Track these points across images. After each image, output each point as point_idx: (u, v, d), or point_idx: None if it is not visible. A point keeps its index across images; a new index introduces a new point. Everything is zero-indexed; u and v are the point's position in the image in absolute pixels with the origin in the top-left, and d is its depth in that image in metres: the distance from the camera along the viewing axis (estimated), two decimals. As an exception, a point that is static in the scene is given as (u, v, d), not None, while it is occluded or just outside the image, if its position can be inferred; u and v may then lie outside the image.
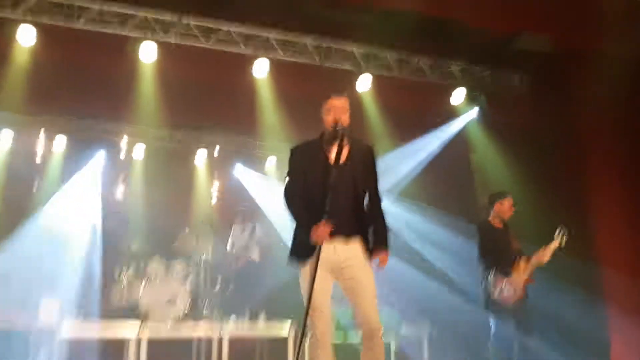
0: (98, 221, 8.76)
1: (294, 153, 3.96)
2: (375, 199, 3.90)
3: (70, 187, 9.05)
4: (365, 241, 3.79)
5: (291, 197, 3.84)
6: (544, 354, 6.15)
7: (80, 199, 8.97)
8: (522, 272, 5.68)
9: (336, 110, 3.78)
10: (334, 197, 3.54)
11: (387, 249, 3.80)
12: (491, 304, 5.68)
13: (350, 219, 3.73)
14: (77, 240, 8.39)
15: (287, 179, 3.93)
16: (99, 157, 9.44)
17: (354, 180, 3.75)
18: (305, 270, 3.67)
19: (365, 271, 3.73)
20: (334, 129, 3.74)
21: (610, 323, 7.04)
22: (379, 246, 3.79)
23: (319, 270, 3.51)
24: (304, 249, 3.69)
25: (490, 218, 5.99)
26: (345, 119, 3.78)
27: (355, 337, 6.61)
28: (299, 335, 3.54)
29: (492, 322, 5.70)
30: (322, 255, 3.55)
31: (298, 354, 3.63)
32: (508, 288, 5.60)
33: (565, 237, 5.74)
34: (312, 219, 3.59)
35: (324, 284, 3.66)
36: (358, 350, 3.75)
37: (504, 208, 5.91)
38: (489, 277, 5.68)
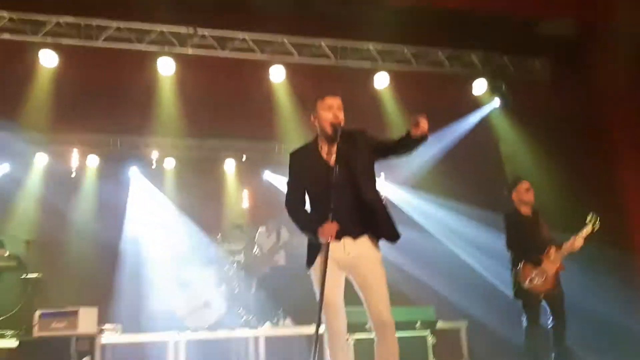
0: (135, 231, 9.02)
1: (293, 158, 3.96)
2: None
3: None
4: (375, 236, 3.79)
5: (293, 206, 3.86)
6: (578, 345, 6.02)
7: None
8: (552, 260, 5.55)
9: (334, 108, 3.79)
10: (337, 197, 3.56)
11: None
12: (521, 294, 5.58)
13: (356, 217, 3.73)
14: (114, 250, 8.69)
15: (288, 187, 3.95)
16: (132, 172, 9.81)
17: (356, 177, 3.75)
18: (316, 269, 3.71)
19: (376, 267, 3.73)
20: (334, 128, 3.74)
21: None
22: None
23: (329, 267, 3.55)
24: (313, 251, 3.74)
25: (516, 207, 5.90)
26: (341, 117, 3.79)
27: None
28: (315, 331, 3.56)
29: (523, 313, 5.61)
30: (332, 254, 3.57)
31: (315, 349, 3.65)
32: (538, 277, 5.50)
33: (598, 222, 5.60)
34: (317, 222, 3.62)
35: (335, 281, 3.69)
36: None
37: (521, 194, 5.83)
38: (519, 266, 5.60)
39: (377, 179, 3.94)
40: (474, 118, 8.90)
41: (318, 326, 3.56)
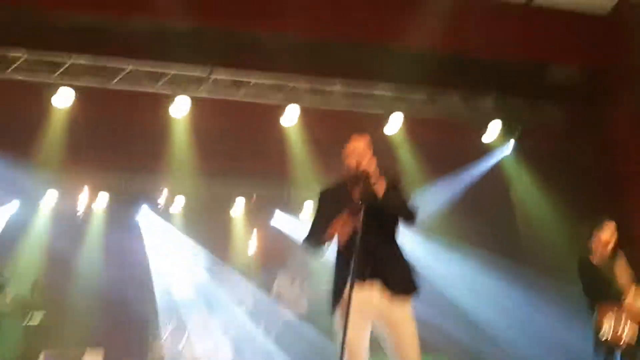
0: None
1: (324, 196, 3.90)
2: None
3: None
4: (401, 280, 3.65)
5: (314, 243, 3.76)
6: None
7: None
8: (631, 308, 5.13)
9: (355, 153, 3.73)
10: (364, 239, 3.38)
11: None
12: (598, 344, 5.18)
13: (383, 260, 3.62)
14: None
15: (312, 225, 3.85)
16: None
17: (384, 219, 3.65)
18: (339, 314, 3.56)
19: (405, 315, 3.59)
20: (355, 172, 3.66)
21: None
22: None
23: (353, 312, 3.29)
24: (336, 297, 3.61)
25: (590, 255, 5.49)
26: (366, 160, 3.70)
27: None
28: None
29: None
30: (358, 301, 3.35)
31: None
32: (614, 326, 5.14)
33: None
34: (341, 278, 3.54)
35: (360, 328, 3.52)
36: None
37: (598, 244, 5.44)
38: (594, 315, 5.32)
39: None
40: (486, 163, 8.84)
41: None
